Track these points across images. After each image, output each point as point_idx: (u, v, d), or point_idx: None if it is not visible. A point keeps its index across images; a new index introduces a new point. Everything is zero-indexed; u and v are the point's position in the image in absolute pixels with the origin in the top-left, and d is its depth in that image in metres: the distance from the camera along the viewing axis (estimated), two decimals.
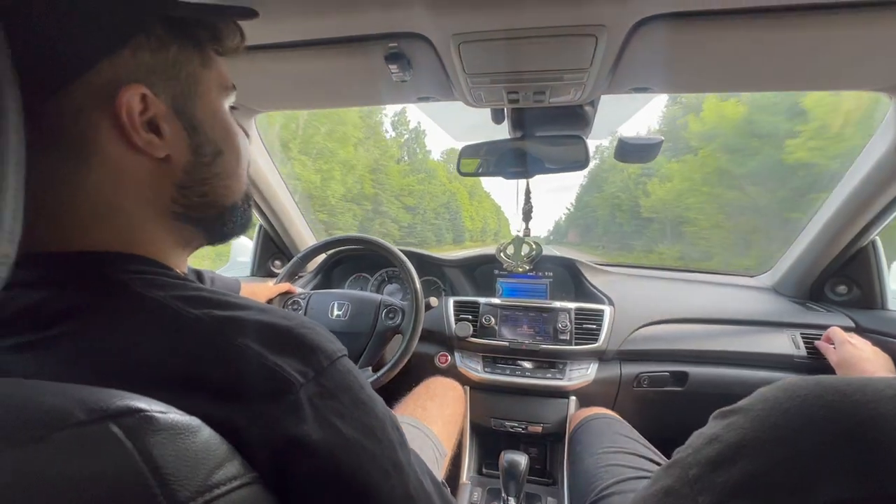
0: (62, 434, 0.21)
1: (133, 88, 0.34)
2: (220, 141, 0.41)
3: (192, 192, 0.39)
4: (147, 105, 0.35)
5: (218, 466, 0.26)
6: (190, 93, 0.38)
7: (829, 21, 0.61)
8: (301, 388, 0.33)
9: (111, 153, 0.34)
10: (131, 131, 0.34)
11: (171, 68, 0.36)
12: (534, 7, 0.60)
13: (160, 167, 0.37)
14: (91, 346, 0.30)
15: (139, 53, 0.34)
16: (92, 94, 0.33)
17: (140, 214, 0.37)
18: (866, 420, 0.27)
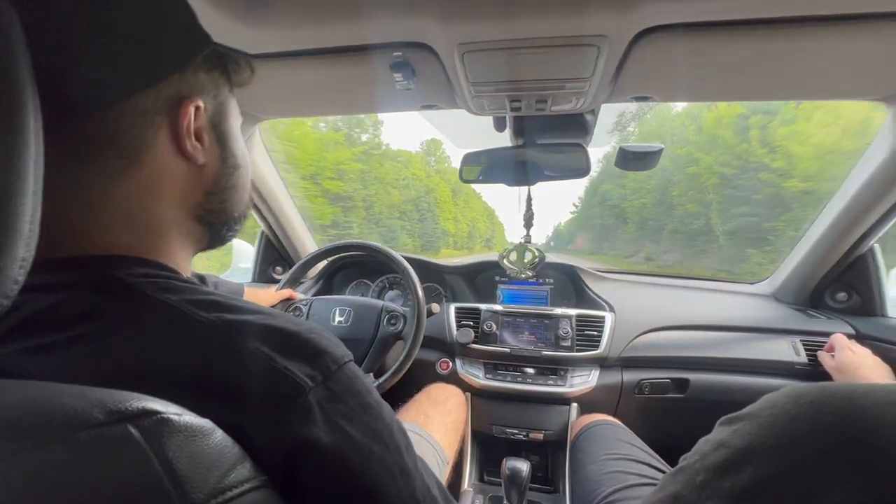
0: (82, 435, 0.22)
1: (193, 100, 0.39)
2: (239, 157, 0.46)
3: (215, 199, 0.44)
4: (198, 116, 0.40)
5: (231, 469, 0.27)
6: (223, 112, 0.44)
7: (828, 32, 0.63)
8: (310, 392, 0.33)
9: (162, 155, 0.38)
10: (185, 137, 0.39)
11: (214, 89, 0.42)
12: (537, 17, 0.61)
13: (196, 173, 0.41)
14: (106, 349, 0.31)
15: (199, 73, 0.40)
16: (161, 102, 0.37)
17: (168, 215, 0.40)
18: (872, 426, 0.28)
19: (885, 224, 1.01)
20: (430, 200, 54.69)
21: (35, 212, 0.27)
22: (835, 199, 1.06)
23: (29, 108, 0.26)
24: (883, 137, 0.90)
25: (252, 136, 1.15)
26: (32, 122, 0.27)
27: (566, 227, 74.95)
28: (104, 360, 0.31)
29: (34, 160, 0.27)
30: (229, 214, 0.46)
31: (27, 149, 0.26)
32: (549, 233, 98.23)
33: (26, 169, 0.26)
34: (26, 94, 0.26)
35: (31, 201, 0.26)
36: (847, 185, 1.02)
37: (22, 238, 0.26)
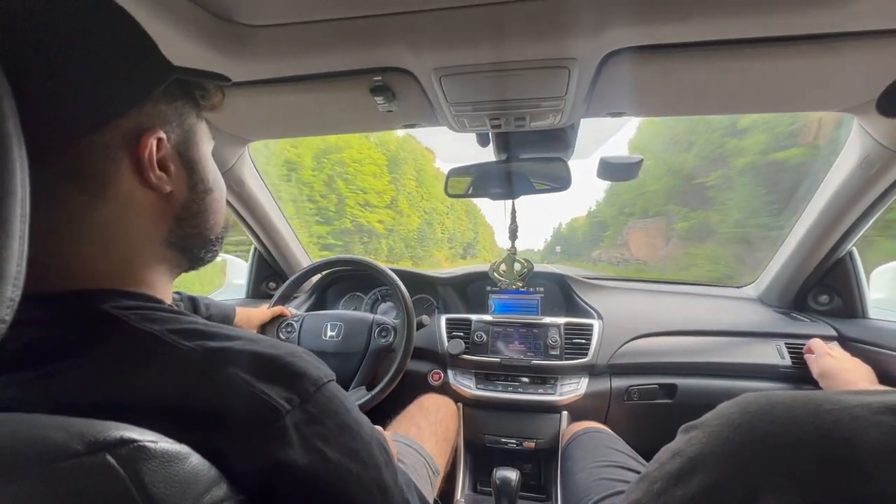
0: (63, 465, 0.23)
1: (154, 133, 0.39)
2: (210, 181, 0.47)
3: (186, 224, 0.44)
4: (161, 147, 0.40)
5: (206, 491, 0.29)
6: (189, 139, 0.44)
7: (791, 51, 0.65)
8: (287, 415, 0.35)
9: (126, 187, 0.39)
10: (148, 169, 0.39)
11: (178, 118, 0.43)
12: (508, 44, 0.63)
13: (164, 201, 0.42)
14: (90, 380, 0.32)
15: (158, 105, 0.40)
16: (120, 136, 0.37)
17: (141, 244, 0.41)
18: (806, 433, 0.29)
19: (859, 228, 1.04)
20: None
21: (22, 255, 0.29)
22: (811, 204, 1.09)
23: (14, 157, 0.28)
24: (851, 145, 0.93)
25: (242, 157, 1.17)
26: (18, 169, 0.28)
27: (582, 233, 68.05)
28: (90, 390, 0.32)
29: (20, 206, 0.28)
30: (205, 238, 0.47)
31: (14, 196, 0.28)
32: (548, 238, 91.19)
33: (14, 215, 0.28)
34: (11, 142, 0.28)
35: (17, 245, 0.28)
36: (821, 190, 1.05)
37: (10, 280, 0.27)
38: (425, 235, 46.64)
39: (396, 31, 0.63)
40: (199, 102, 0.46)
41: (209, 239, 0.47)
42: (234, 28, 0.64)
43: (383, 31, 0.63)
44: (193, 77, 0.45)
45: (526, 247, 9.58)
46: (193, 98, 0.45)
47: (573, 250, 69.90)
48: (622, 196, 45.80)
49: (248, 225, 1.39)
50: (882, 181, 0.91)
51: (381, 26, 0.63)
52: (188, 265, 0.48)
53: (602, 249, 51.42)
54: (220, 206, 0.49)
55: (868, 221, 1.02)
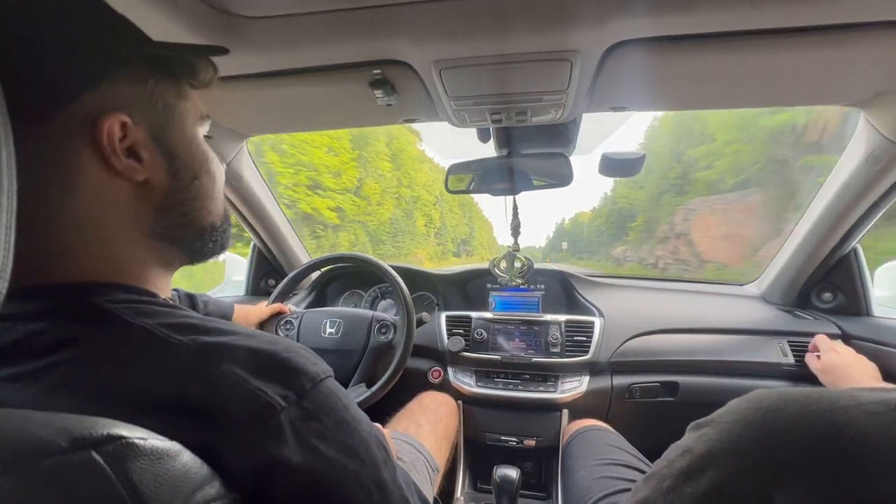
0: (47, 462, 0.23)
1: (113, 117, 0.36)
2: (196, 166, 0.43)
3: (171, 214, 0.42)
4: (126, 132, 0.37)
5: (197, 489, 0.28)
6: (167, 122, 0.41)
7: (797, 43, 0.64)
8: (283, 412, 0.34)
9: (93, 177, 0.36)
10: (111, 156, 0.36)
11: (149, 99, 0.39)
12: (509, 36, 0.62)
13: (140, 190, 0.39)
14: (82, 374, 0.32)
15: (118, 86, 0.37)
16: (74, 123, 0.35)
17: (124, 236, 0.39)
18: (819, 430, 0.29)
19: (864, 225, 1.03)
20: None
21: (8, 247, 0.28)
22: (816, 200, 1.08)
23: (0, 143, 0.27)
24: (857, 141, 0.92)
25: (240, 153, 1.16)
26: (4, 158, 0.28)
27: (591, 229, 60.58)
28: (81, 385, 0.31)
29: (7, 197, 0.28)
30: (197, 227, 0.44)
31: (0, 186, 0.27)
32: (550, 234, 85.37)
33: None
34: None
35: (3, 236, 0.27)
36: (826, 187, 1.04)
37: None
38: (402, 228, 37.42)
39: (396, 23, 0.62)
40: (181, 80, 0.43)
41: (203, 228, 0.45)
42: (232, 20, 0.64)
43: (383, 23, 0.62)
44: (176, 52, 0.42)
45: (526, 244, 8.93)
46: (172, 76, 0.41)
47: (583, 247, 62.17)
48: (662, 168, 34.29)
49: (247, 221, 1.38)
50: (888, 177, 0.90)
51: (381, 18, 0.62)
52: (186, 258, 0.46)
53: (628, 245, 41.66)
54: (212, 192, 0.46)
55: (873, 218, 1.01)
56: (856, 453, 0.27)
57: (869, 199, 0.96)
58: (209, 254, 0.47)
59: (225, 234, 0.48)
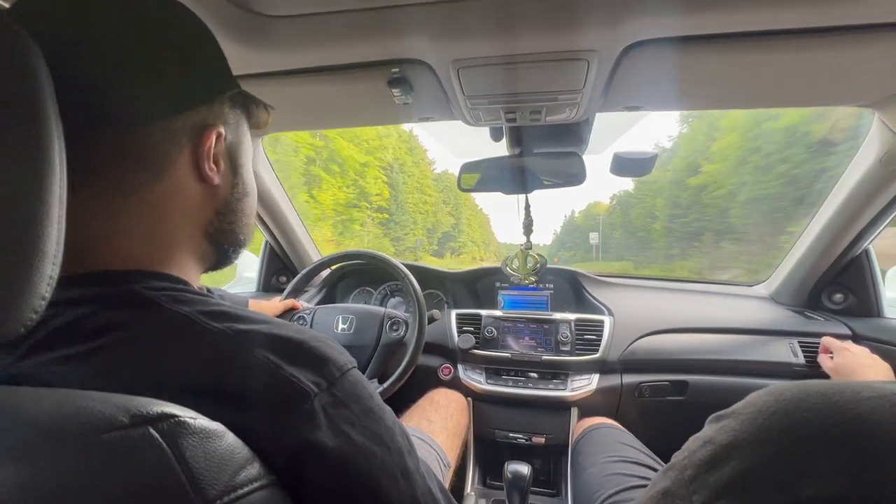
0: (109, 436, 0.24)
1: (216, 128, 0.43)
2: (248, 185, 0.50)
3: (224, 220, 0.47)
4: (218, 143, 0.43)
5: (241, 468, 0.29)
6: (240, 144, 0.48)
7: (813, 43, 0.64)
8: (315, 398, 0.35)
9: (182, 173, 0.41)
10: (204, 159, 0.42)
11: (235, 123, 0.47)
12: (528, 35, 0.63)
13: (209, 193, 0.44)
14: (126, 358, 0.33)
15: (224, 107, 0.45)
16: (189, 125, 0.41)
17: (183, 228, 0.43)
18: (844, 421, 0.29)
19: (877, 226, 1.03)
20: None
21: (60, 233, 0.29)
22: (827, 201, 1.08)
23: (53, 137, 0.29)
24: (870, 142, 0.92)
25: (256, 150, 1.18)
26: (57, 150, 0.29)
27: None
28: (125, 368, 0.33)
29: (59, 185, 0.29)
30: (236, 236, 0.49)
31: (53, 175, 0.28)
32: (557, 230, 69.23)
33: (52, 194, 0.28)
34: (51, 126, 0.29)
35: (56, 223, 0.29)
36: (838, 188, 1.04)
37: (49, 258, 0.28)
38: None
39: (416, 22, 0.63)
40: (250, 117, 0.50)
41: (239, 238, 0.50)
42: (254, 18, 0.65)
43: (403, 22, 0.63)
44: (250, 97, 0.49)
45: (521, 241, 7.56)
46: (248, 111, 0.49)
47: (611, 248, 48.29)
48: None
49: (261, 218, 1.40)
50: None
51: (401, 17, 0.63)
52: (215, 261, 0.50)
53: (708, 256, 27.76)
54: (253, 211, 0.52)
55: (886, 219, 1.01)
56: (881, 442, 0.27)
57: (882, 201, 0.96)
58: (231, 261, 0.52)
59: (243, 250, 0.53)
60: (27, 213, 0.27)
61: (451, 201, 54.45)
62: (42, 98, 0.28)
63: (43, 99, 0.28)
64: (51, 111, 0.29)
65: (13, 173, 0.26)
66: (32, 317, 0.27)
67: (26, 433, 0.24)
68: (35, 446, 0.23)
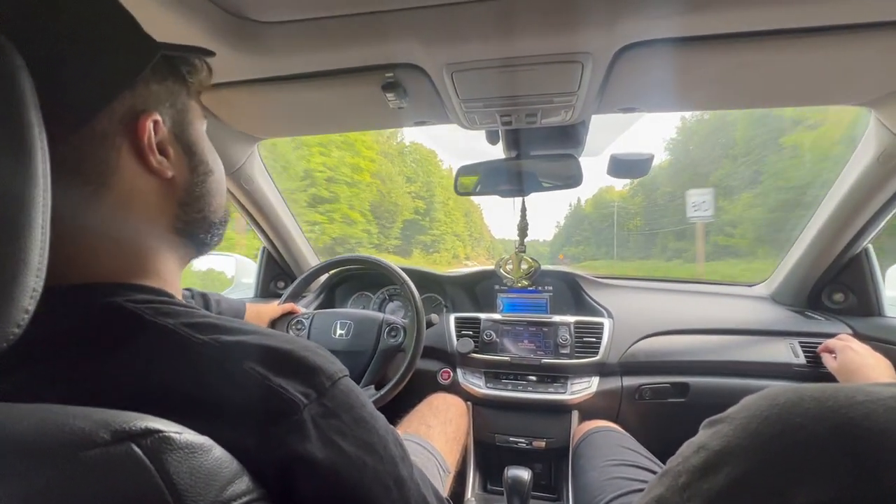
0: (90, 454, 0.23)
1: (149, 115, 0.38)
2: (209, 162, 0.46)
3: (190, 209, 0.44)
4: (158, 130, 0.39)
5: (229, 483, 0.28)
6: (184, 119, 0.43)
7: (808, 43, 0.64)
8: (304, 409, 0.34)
9: (128, 174, 0.38)
10: (148, 153, 0.38)
11: (170, 97, 0.41)
12: (521, 38, 0.63)
13: (166, 187, 0.41)
14: (109, 372, 0.33)
15: (149, 85, 0.39)
16: (117, 121, 0.36)
17: (149, 232, 0.41)
18: (838, 425, 0.29)
19: (875, 225, 1.02)
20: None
21: (44, 245, 0.29)
22: (826, 200, 1.07)
23: (37, 148, 0.28)
24: (868, 140, 0.92)
25: (252, 156, 1.17)
26: (41, 160, 0.28)
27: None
28: (108, 383, 0.32)
29: (43, 196, 0.29)
30: (209, 221, 0.46)
31: (37, 186, 0.28)
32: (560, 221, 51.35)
33: (36, 205, 0.28)
34: (34, 133, 0.28)
35: (40, 235, 0.28)
36: (836, 187, 1.03)
37: (32, 270, 0.27)
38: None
39: (409, 27, 0.63)
40: (188, 80, 0.44)
41: (213, 222, 0.47)
42: (247, 25, 0.65)
43: (395, 27, 0.63)
44: (176, 52, 0.43)
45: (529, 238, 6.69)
46: (182, 76, 0.43)
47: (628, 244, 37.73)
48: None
49: (258, 223, 1.39)
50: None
51: (394, 22, 0.63)
52: (195, 251, 0.48)
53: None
54: (221, 187, 0.48)
55: (885, 218, 1.00)
56: (875, 446, 0.27)
57: (880, 199, 0.95)
58: (213, 245, 0.49)
59: (224, 228, 0.50)
60: (9, 222, 0.26)
61: (418, 178, 38.97)
62: (25, 106, 0.28)
63: (26, 107, 0.28)
64: (34, 119, 0.28)
65: None
66: (15, 331, 0.27)
67: (4, 451, 0.23)
68: (13, 465, 0.23)
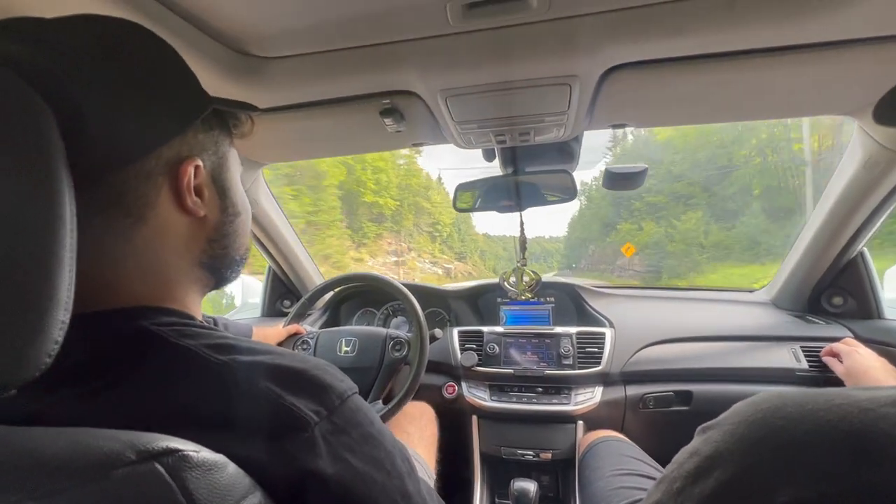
0: (117, 473, 0.26)
1: (192, 161, 0.42)
2: (239, 204, 0.49)
3: (217, 245, 0.47)
4: (198, 174, 0.42)
5: (243, 497, 0.30)
6: (222, 165, 0.47)
7: (790, 59, 0.67)
8: (315, 426, 0.36)
9: (164, 212, 0.41)
10: (185, 195, 0.41)
11: (214, 145, 0.45)
12: (510, 64, 0.66)
13: (197, 224, 0.44)
14: (135, 392, 0.35)
15: (198, 134, 0.43)
16: (163, 163, 0.40)
17: (177, 264, 0.44)
18: (816, 428, 0.30)
19: (869, 228, 1.04)
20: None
21: (71, 281, 0.31)
22: (818, 207, 1.09)
23: (64, 193, 0.31)
24: (853, 148, 0.94)
25: (256, 180, 1.21)
26: (67, 202, 0.31)
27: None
28: (136, 403, 0.34)
29: (70, 235, 0.31)
30: (231, 258, 0.49)
31: (64, 227, 0.31)
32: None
33: (64, 246, 0.30)
34: (61, 179, 0.31)
35: (68, 273, 0.31)
36: (827, 193, 1.05)
37: (61, 305, 0.30)
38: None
39: (404, 57, 0.66)
40: (232, 131, 0.49)
41: (235, 259, 0.50)
42: (251, 61, 0.68)
43: (391, 58, 0.67)
44: (228, 108, 0.47)
45: (544, 234, 6.48)
46: (227, 127, 0.48)
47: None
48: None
49: (263, 245, 1.42)
50: (886, 182, 0.92)
51: (390, 53, 0.66)
52: (215, 284, 0.50)
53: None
54: (247, 228, 0.51)
55: (877, 221, 1.02)
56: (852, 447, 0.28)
57: (870, 205, 0.97)
58: (231, 280, 0.52)
59: (243, 266, 0.53)
60: (41, 263, 0.29)
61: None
62: (52, 155, 0.31)
63: (53, 156, 0.31)
64: (60, 166, 0.31)
65: (27, 227, 0.29)
66: (46, 361, 0.29)
67: (41, 471, 0.26)
68: (49, 483, 0.25)
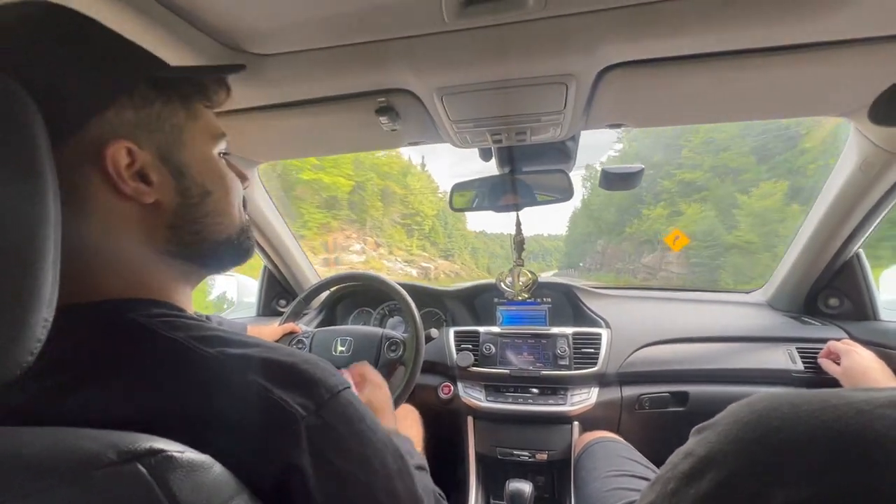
0: (98, 473, 0.25)
1: (118, 143, 0.37)
2: (207, 183, 0.44)
3: (183, 231, 0.43)
4: (134, 157, 0.38)
5: (229, 498, 0.30)
6: (175, 142, 0.41)
7: (781, 59, 0.66)
8: (302, 420, 0.36)
9: (103, 202, 0.38)
10: (118, 182, 0.37)
11: (155, 122, 0.40)
12: (505, 63, 0.66)
13: (150, 211, 0.40)
14: (120, 385, 0.34)
15: (122, 112, 0.38)
16: (82, 151, 0.36)
17: (139, 256, 0.41)
18: (810, 429, 0.30)
19: (864, 230, 1.04)
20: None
21: (55, 279, 0.31)
22: (814, 208, 1.09)
23: (49, 189, 0.30)
24: (849, 150, 0.94)
25: (251, 178, 1.20)
26: (52, 200, 0.31)
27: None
28: (120, 397, 0.34)
29: (54, 231, 0.31)
30: (211, 241, 0.45)
31: (48, 223, 0.30)
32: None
33: (48, 243, 0.30)
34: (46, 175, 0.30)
35: (52, 271, 0.30)
36: (823, 195, 1.05)
37: (44, 302, 0.30)
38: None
39: (399, 55, 0.66)
40: (192, 101, 0.44)
41: (217, 242, 0.45)
42: (245, 58, 0.68)
43: (387, 56, 0.66)
44: (188, 74, 0.44)
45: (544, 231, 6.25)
46: (181, 97, 0.42)
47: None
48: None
49: (258, 244, 1.42)
50: (883, 183, 0.92)
51: (385, 51, 0.66)
52: (206, 271, 0.48)
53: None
54: (227, 206, 0.46)
55: (873, 222, 1.02)
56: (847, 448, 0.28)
57: (865, 206, 0.97)
58: (228, 265, 0.49)
59: (242, 246, 0.49)
60: (25, 260, 0.28)
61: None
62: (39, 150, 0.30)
63: (40, 151, 0.30)
64: (46, 162, 0.30)
65: (11, 223, 0.28)
66: (28, 359, 0.29)
67: (21, 471, 0.25)
68: (30, 484, 0.25)
